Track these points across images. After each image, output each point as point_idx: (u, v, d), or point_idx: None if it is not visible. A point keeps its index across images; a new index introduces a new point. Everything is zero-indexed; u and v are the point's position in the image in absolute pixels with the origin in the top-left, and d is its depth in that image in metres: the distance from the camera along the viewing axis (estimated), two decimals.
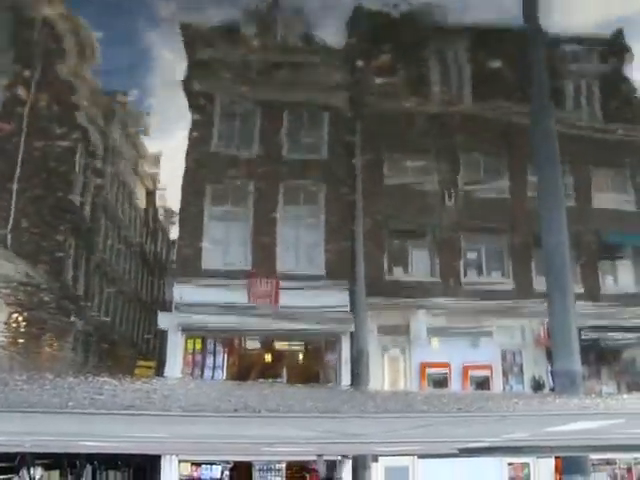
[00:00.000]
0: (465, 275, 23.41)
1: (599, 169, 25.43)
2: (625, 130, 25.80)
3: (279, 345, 21.97)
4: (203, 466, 17.02)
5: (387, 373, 21.91)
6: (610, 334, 22.46)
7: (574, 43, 27.39)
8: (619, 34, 28.09)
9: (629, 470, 21.23)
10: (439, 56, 25.16)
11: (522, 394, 17.29)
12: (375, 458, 16.53)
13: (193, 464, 16.71)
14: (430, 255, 23.36)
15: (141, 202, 44.07)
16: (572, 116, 25.06)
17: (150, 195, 47.31)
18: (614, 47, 27.91)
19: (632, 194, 25.79)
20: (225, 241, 21.96)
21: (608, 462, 20.56)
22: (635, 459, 20.70)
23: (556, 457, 15.18)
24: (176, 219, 25.51)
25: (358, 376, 18.97)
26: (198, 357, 20.41)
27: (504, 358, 22.89)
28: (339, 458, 18.35)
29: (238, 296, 20.58)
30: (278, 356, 21.94)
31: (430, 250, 23.39)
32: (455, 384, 21.40)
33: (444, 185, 23.66)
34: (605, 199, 25.43)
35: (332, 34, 25.07)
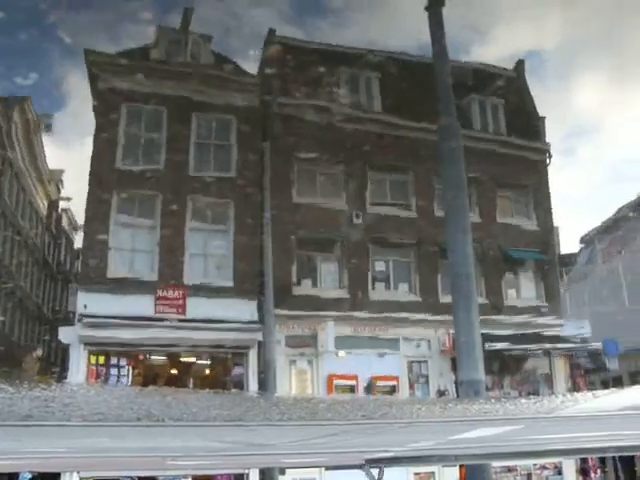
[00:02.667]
0: (373, 288, 23.71)
1: (503, 186, 26.30)
2: (526, 150, 26.88)
3: (186, 357, 21.69)
4: None
5: (295, 385, 21.93)
6: (512, 345, 23.13)
7: (481, 68, 28.67)
8: (520, 63, 29.56)
9: (529, 476, 21.85)
10: (350, 80, 25.61)
11: (424, 400, 17.52)
12: (282, 470, 16.42)
13: None
14: (339, 268, 23.59)
15: (43, 210, 42.98)
16: (478, 135, 25.89)
17: (53, 204, 46.18)
18: (516, 74, 29.35)
19: (533, 211, 26.76)
20: (132, 251, 21.56)
21: (509, 469, 21.10)
22: (535, 465, 21.31)
23: (460, 465, 15.47)
24: (81, 228, 24.91)
25: (265, 388, 18.86)
26: (102, 370, 19.89)
27: (410, 369, 23.28)
28: (246, 471, 18.23)
29: (144, 307, 20.22)
30: (184, 368, 21.66)
31: (339, 263, 23.63)
32: (363, 395, 21.55)
33: (352, 202, 23.99)
34: (508, 215, 26.33)
35: (245, 58, 25.38)
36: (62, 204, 49.97)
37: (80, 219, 27.20)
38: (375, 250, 24.10)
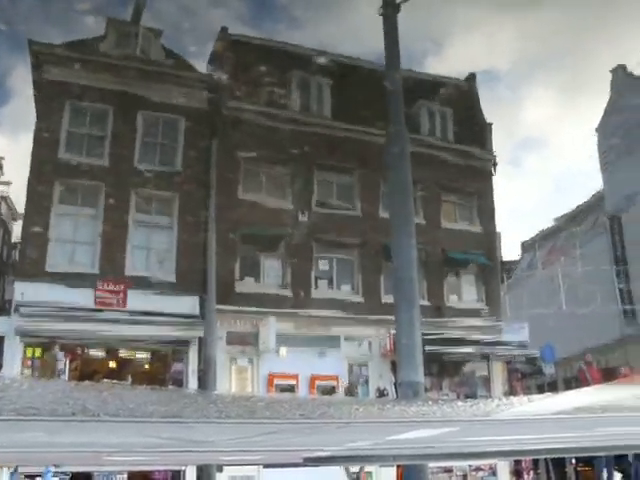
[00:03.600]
0: (316, 287, 23.76)
1: (448, 192, 26.62)
2: (472, 157, 27.30)
3: (125, 352, 21.41)
4: (37, 479, 16.16)
5: (235, 383, 21.82)
6: (452, 347, 23.41)
7: (431, 77, 29.07)
8: (471, 74, 29.97)
9: (465, 477, 22.10)
10: (302, 83, 25.61)
11: (362, 400, 17.61)
12: (220, 468, 16.35)
13: (26, 476, 15.84)
14: (282, 266, 23.57)
15: None
16: (426, 141, 26.18)
17: None
18: (466, 85, 29.79)
19: (477, 217, 27.14)
20: (72, 242, 21.20)
21: (446, 470, 21.32)
22: (470, 466, 21.58)
23: (398, 465, 15.56)
24: (21, 217, 24.33)
25: (205, 385, 18.72)
26: (38, 364, 19.45)
27: (351, 369, 23.37)
28: (184, 468, 18.05)
29: (84, 299, 19.89)
30: (123, 363, 21.36)
31: (282, 261, 23.60)
32: (303, 394, 21.54)
33: (297, 201, 24.01)
34: (453, 220, 26.66)
35: (197, 56, 25.27)
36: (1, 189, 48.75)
37: (20, 208, 26.54)
38: (319, 249, 24.14)
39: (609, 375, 20.07)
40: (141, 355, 21.83)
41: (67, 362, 19.56)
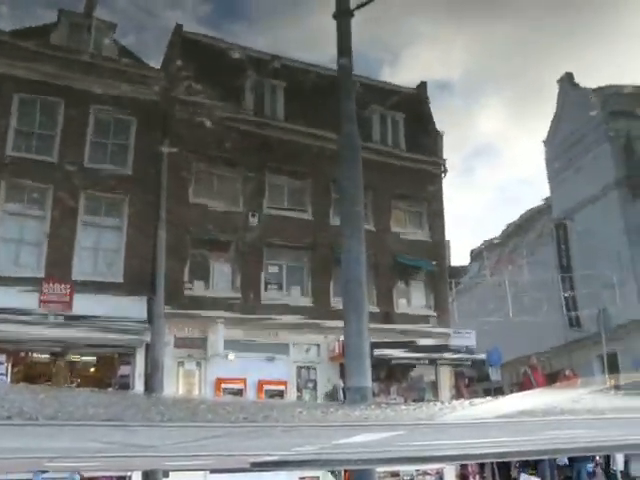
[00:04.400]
0: (266, 291, 23.70)
1: (399, 198, 26.81)
2: (423, 163, 27.57)
3: (70, 355, 21.03)
4: None
5: (182, 387, 21.63)
6: (400, 352, 23.57)
7: (384, 83, 29.30)
8: (423, 82, 30.29)
9: None
10: (256, 85, 25.56)
11: (305, 403, 17.58)
12: (166, 473, 16.14)
13: None
14: (232, 270, 23.46)
15: None
16: (377, 147, 26.35)
17: None
18: (418, 93, 30.10)
19: (427, 223, 27.40)
20: (18, 242, 20.77)
21: (393, 474, 21.39)
22: (417, 471, 21.70)
23: (345, 470, 15.57)
24: None
25: (152, 389, 18.51)
26: None
27: (299, 374, 23.37)
28: (129, 474, 17.78)
29: (28, 301, 19.50)
30: (69, 367, 20.98)
31: (232, 265, 23.49)
32: (251, 399, 21.46)
33: (249, 204, 23.93)
34: (402, 226, 26.85)
35: (152, 56, 24.99)
36: None
37: None
38: (269, 253, 24.10)
39: (554, 379, 20.45)
40: (87, 358, 21.48)
41: (9, 366, 19.16)
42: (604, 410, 4.14)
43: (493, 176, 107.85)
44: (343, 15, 9.71)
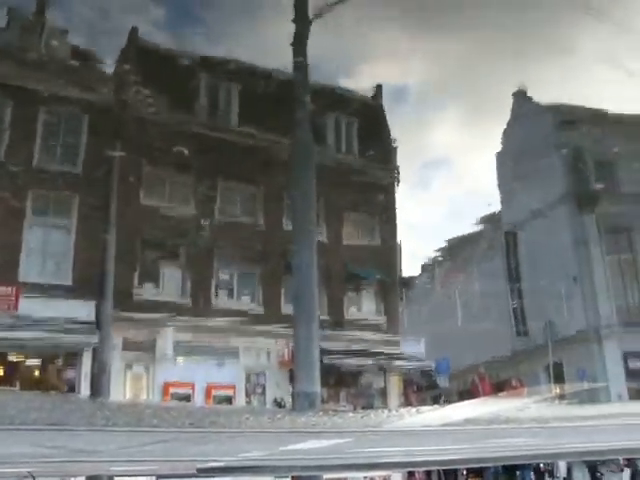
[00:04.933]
0: (216, 296, 23.57)
1: (351, 206, 26.86)
2: (376, 172, 27.70)
3: (14, 357, 20.61)
4: None
5: (129, 391, 21.38)
6: (349, 359, 23.64)
7: (339, 90, 29.31)
8: (378, 90, 30.40)
9: None
10: (210, 88, 25.42)
11: (253, 409, 17.54)
12: (110, 479, 15.88)
13: None
14: (182, 274, 23.27)
15: None
16: (331, 154, 26.37)
17: None
18: (374, 101, 30.20)
19: (379, 232, 27.51)
20: None
21: None
22: (365, 478, 21.73)
23: (292, 476, 15.51)
24: None
25: (98, 392, 18.26)
26: None
27: (248, 379, 23.28)
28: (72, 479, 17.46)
29: None
30: (11, 369, 20.55)
31: (183, 269, 23.31)
32: (199, 403, 21.31)
33: (201, 209, 23.79)
34: (355, 234, 26.93)
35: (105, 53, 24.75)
36: None
37: None
38: (221, 258, 23.96)
39: (501, 388, 20.72)
40: (32, 361, 21.06)
41: None
42: (548, 419, 4.21)
43: (446, 187, 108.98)
44: (301, 22, 9.76)
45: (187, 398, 21.46)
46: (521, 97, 34.68)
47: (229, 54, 27.08)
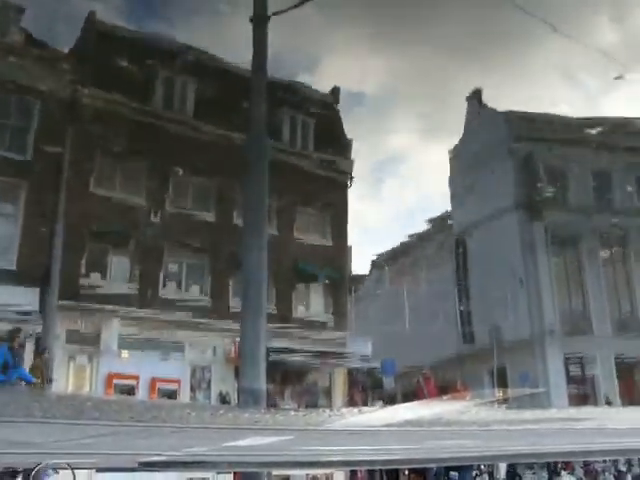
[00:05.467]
0: (164, 288, 23.38)
1: (304, 202, 26.87)
2: (330, 170, 27.76)
3: None
4: None
5: (72, 382, 21.06)
6: (296, 357, 23.65)
7: (297, 86, 29.28)
8: (336, 89, 30.48)
9: None
10: (166, 79, 25.15)
11: (196, 404, 17.45)
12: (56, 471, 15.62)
13: None
14: (130, 265, 23.02)
15: None
16: (286, 149, 26.34)
17: None
18: (331, 99, 30.24)
19: (330, 230, 27.57)
20: None
21: (283, 478, 21.35)
22: (307, 475, 21.77)
23: (234, 472, 15.46)
24: None
25: (40, 383, 17.93)
26: None
27: (194, 373, 23.14)
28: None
29: None
30: None
31: (131, 260, 23.05)
32: (143, 396, 21.12)
33: (152, 200, 23.55)
34: (306, 231, 26.94)
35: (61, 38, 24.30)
36: None
37: None
38: (170, 250, 23.75)
39: (446, 391, 20.90)
40: None
41: None
42: (489, 422, 4.26)
43: (400, 189, 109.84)
44: (260, 19, 9.72)
45: (131, 391, 21.24)
46: (475, 103, 35.07)
47: (187, 47, 26.63)
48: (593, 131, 30.62)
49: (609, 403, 26.24)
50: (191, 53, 26.53)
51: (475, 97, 35.15)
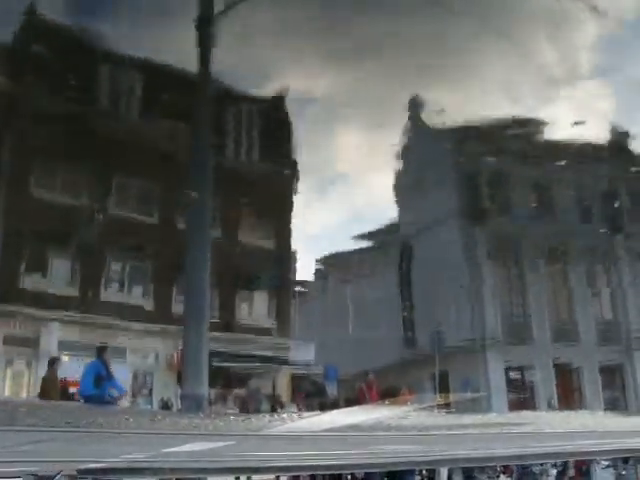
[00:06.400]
0: (105, 292, 23.03)
1: (248, 207, 26.76)
2: (275, 175, 27.73)
3: None
4: None
5: (9, 388, 20.61)
6: (239, 362, 23.52)
7: (243, 91, 29.17)
8: (282, 95, 30.52)
9: None
10: (111, 81, 24.80)
11: (132, 409, 17.21)
12: None
13: None
14: (71, 268, 22.62)
15: None
16: (231, 154, 26.21)
17: None
18: (277, 104, 30.19)
19: (274, 235, 27.51)
20: None
21: None
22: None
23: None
24: None
25: None
26: None
27: (135, 379, 22.83)
28: None
29: None
30: None
31: (72, 263, 22.65)
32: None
33: (95, 201, 23.21)
34: (250, 236, 26.81)
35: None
36: None
37: None
38: (112, 253, 23.42)
39: (389, 396, 20.99)
40: None
41: None
42: (429, 427, 4.29)
43: (347, 197, 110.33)
44: (205, 22, 9.67)
45: (70, 397, 20.83)
46: (419, 111, 35.37)
47: (133, 48, 26.30)
48: (534, 143, 31.33)
49: (552, 407, 26.67)
50: (136, 55, 26.18)
51: (418, 106, 35.44)
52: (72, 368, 21.17)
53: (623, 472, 20.84)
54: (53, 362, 16.12)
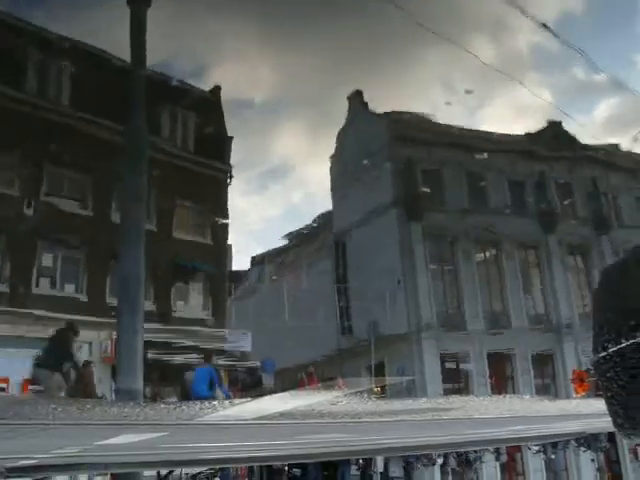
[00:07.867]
0: (37, 284, 22.55)
1: (183, 199, 26.58)
2: (210, 168, 27.60)
3: None
4: None
5: None
6: (175, 354, 23.32)
7: (178, 82, 28.88)
8: (217, 88, 30.73)
9: None
10: (40, 66, 24.20)
11: (60, 399, 16.93)
12: None
13: None
14: (1, 259, 22.07)
15: None
16: (165, 145, 25.91)
17: None
18: (213, 97, 29.98)
19: (209, 227, 27.39)
20: None
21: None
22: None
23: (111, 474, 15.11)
24: None
25: None
26: None
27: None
28: None
29: None
30: None
31: (1, 254, 22.11)
32: None
33: (25, 191, 22.68)
34: (185, 227, 26.64)
35: None
36: None
37: None
38: (44, 244, 22.94)
39: (328, 387, 21.09)
40: None
41: None
42: (360, 414, 4.32)
43: (285, 189, 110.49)
44: (138, 4, 9.50)
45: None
46: (357, 103, 35.52)
47: (64, 32, 25.70)
48: (470, 136, 31.84)
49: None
50: (67, 39, 25.59)
51: (357, 98, 35.59)
52: (1, 363, 20.73)
53: (552, 456, 21.42)
54: None
